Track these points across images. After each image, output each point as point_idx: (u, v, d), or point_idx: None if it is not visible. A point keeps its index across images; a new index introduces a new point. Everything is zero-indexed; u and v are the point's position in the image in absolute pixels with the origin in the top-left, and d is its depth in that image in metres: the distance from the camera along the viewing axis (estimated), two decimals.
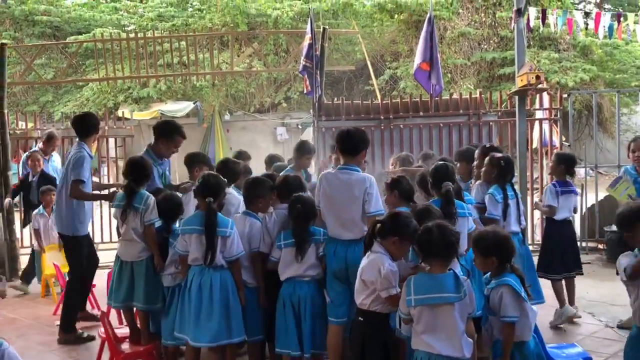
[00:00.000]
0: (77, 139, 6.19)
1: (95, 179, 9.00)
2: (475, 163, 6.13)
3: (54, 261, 7.35)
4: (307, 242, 4.58)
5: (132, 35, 14.89)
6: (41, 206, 8.07)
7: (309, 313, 4.55)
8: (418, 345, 3.49)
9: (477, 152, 6.21)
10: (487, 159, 5.68)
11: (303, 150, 6.94)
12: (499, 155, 5.67)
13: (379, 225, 3.92)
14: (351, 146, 4.76)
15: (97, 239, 9.88)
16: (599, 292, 7.24)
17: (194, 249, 4.58)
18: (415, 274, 3.60)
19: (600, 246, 9.30)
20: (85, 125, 6.18)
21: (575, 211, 6.54)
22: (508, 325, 3.65)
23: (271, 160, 7.47)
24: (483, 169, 5.72)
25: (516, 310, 3.64)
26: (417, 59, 9.34)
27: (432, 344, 3.42)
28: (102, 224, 10.35)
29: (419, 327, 3.48)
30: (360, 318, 3.97)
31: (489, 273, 3.84)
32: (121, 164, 11.53)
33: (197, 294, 4.51)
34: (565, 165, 6.40)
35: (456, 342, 3.42)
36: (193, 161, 6.26)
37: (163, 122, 6.34)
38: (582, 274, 6.51)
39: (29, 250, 8.44)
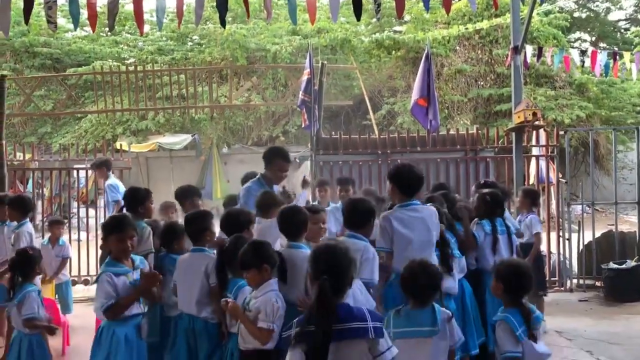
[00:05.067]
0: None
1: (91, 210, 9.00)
2: (472, 200, 6.18)
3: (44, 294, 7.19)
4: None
5: (131, 68, 14.99)
6: (47, 238, 8.01)
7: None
8: None
9: (474, 187, 6.32)
10: (477, 197, 5.77)
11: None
12: (485, 190, 5.76)
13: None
14: (417, 184, 4.75)
15: None
16: (597, 330, 7.18)
17: None
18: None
19: (598, 283, 9.25)
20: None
21: None
22: None
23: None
24: (475, 204, 5.80)
25: (514, 346, 3.61)
26: (415, 94, 9.39)
27: None
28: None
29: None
30: None
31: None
32: None
33: None
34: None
35: None
36: (185, 195, 6.41)
37: (266, 149, 6.30)
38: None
39: None
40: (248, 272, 3.87)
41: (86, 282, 9.98)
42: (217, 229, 4.90)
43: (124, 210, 5.47)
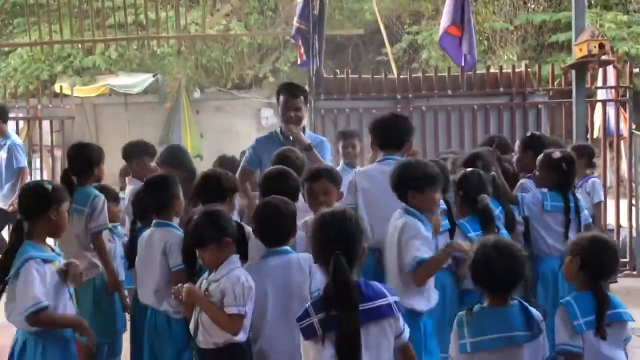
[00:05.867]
0: None
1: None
2: (515, 158, 6.13)
3: None
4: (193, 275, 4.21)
5: None
6: None
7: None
8: None
9: (517, 143, 6.22)
10: (540, 159, 5.61)
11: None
12: (557, 154, 5.58)
13: None
14: (394, 137, 4.95)
15: None
16: None
17: None
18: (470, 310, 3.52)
19: None
20: None
21: None
22: (565, 356, 3.66)
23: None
24: (537, 173, 5.65)
25: (572, 337, 3.59)
26: (444, 21, 9.36)
27: None
28: None
29: None
30: None
31: None
32: (59, 154, 11.50)
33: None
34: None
35: None
36: (131, 153, 6.46)
37: None
38: None
39: None
40: (205, 249, 3.88)
41: None
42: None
43: (70, 174, 5.44)
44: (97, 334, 4.96)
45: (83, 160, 5.44)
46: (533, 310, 3.47)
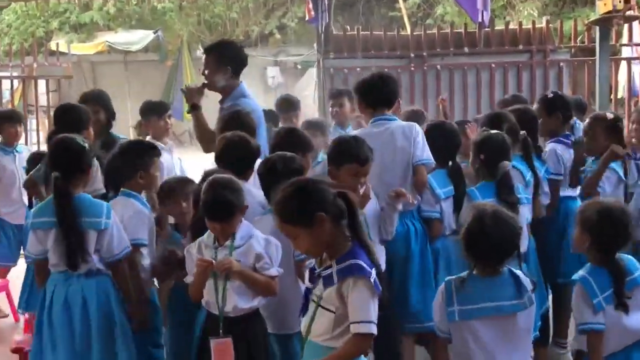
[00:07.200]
0: None
1: None
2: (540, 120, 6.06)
3: None
4: None
5: None
6: None
7: None
8: None
9: (538, 106, 6.11)
10: (590, 122, 5.47)
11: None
12: (610, 115, 5.42)
13: None
14: (385, 96, 4.95)
15: None
16: None
17: (51, 251, 4.22)
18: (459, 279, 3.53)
19: None
20: None
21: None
22: (588, 335, 3.64)
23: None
24: (585, 137, 5.52)
25: (593, 315, 3.59)
26: None
27: None
28: None
29: (464, 349, 3.45)
30: None
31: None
32: None
33: (63, 313, 4.21)
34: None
35: None
36: (142, 112, 6.69)
37: None
38: None
39: None
40: (231, 221, 3.86)
41: None
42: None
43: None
44: None
45: (70, 123, 5.34)
46: (524, 279, 3.47)
